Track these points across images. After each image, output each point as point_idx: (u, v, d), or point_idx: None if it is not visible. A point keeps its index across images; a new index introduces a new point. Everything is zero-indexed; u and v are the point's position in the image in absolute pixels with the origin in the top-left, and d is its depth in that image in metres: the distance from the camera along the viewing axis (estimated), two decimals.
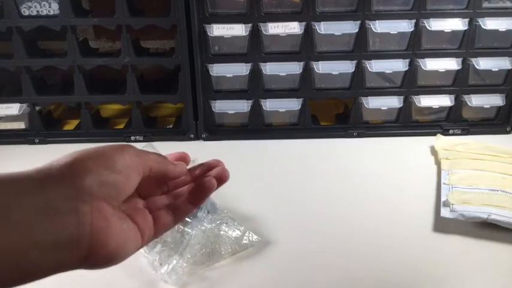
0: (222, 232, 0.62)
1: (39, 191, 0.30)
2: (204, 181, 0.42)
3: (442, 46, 0.92)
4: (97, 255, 0.32)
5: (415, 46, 0.91)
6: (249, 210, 0.71)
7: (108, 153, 0.35)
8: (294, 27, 0.88)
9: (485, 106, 0.96)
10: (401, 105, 0.95)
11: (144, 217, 0.38)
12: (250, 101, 0.95)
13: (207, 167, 0.45)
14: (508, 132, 0.97)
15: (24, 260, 0.29)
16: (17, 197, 0.29)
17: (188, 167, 0.44)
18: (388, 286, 0.58)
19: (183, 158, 0.44)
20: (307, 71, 0.92)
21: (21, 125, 0.96)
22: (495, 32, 0.89)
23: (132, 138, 0.96)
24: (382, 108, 0.95)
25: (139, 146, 0.76)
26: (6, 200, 0.29)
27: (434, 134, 0.92)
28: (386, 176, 0.81)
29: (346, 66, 0.92)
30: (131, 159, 0.36)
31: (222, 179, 0.44)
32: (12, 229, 0.28)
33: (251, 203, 0.73)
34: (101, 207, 0.32)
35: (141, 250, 0.60)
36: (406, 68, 0.92)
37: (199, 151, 0.93)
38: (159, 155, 0.40)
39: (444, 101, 0.95)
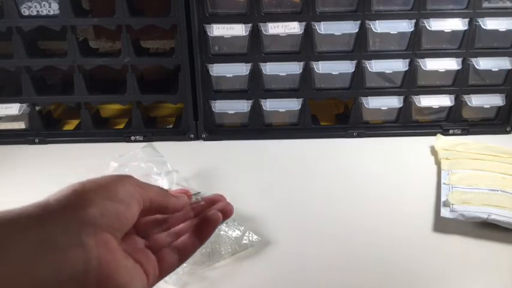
0: (222, 232, 0.62)
1: (38, 226, 0.29)
2: (209, 215, 0.41)
3: (442, 46, 0.92)
4: (105, 286, 0.30)
5: (415, 46, 0.91)
6: (249, 210, 0.71)
7: (108, 184, 0.33)
8: (294, 27, 0.88)
9: (485, 106, 0.96)
10: (401, 105, 0.95)
11: (147, 256, 0.37)
12: (250, 101, 0.95)
13: (209, 202, 0.43)
14: (508, 132, 0.97)
15: None
16: (14, 233, 0.28)
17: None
18: (388, 286, 0.58)
19: (185, 192, 0.43)
20: (307, 71, 0.92)
21: (21, 125, 0.96)
22: (495, 32, 0.89)
23: (132, 138, 0.96)
24: (382, 108, 0.95)
25: (139, 146, 0.77)
26: (3, 235, 0.27)
27: (434, 134, 0.92)
28: (386, 176, 0.81)
29: (346, 66, 0.91)
30: (132, 189, 0.35)
31: (226, 213, 0.42)
32: (11, 265, 0.27)
33: (251, 203, 0.73)
34: (106, 240, 0.31)
35: None
36: (406, 68, 0.92)
37: (199, 151, 0.93)
38: (160, 187, 0.39)
39: (444, 101, 0.95)
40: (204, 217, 0.41)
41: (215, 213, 0.41)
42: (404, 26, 0.88)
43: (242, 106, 0.95)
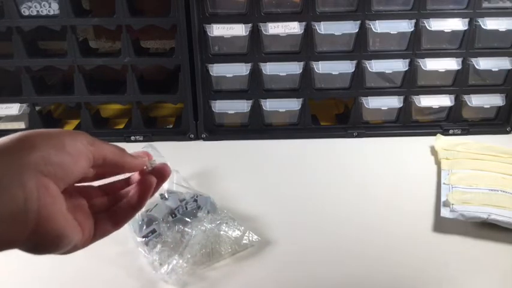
0: (222, 232, 0.62)
1: None
2: (145, 179, 0.40)
3: (442, 46, 0.92)
4: (44, 231, 0.31)
5: (415, 46, 0.91)
6: (249, 210, 0.71)
7: (57, 135, 0.34)
8: (294, 27, 0.88)
9: (485, 106, 0.96)
10: (401, 105, 0.95)
11: (85, 216, 0.37)
12: (250, 101, 0.95)
13: (156, 170, 0.42)
14: (508, 132, 0.97)
15: None
16: None
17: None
18: (388, 286, 0.58)
19: (145, 154, 0.42)
20: (307, 71, 0.92)
21: (21, 125, 0.96)
22: (495, 32, 0.89)
23: (132, 138, 0.96)
24: (382, 108, 0.95)
25: (139, 146, 0.77)
26: None
27: (434, 134, 0.92)
28: (386, 176, 0.81)
29: (346, 66, 0.91)
30: (82, 145, 0.35)
31: (163, 175, 0.42)
32: None
33: (251, 203, 0.73)
34: (47, 185, 0.31)
35: (141, 250, 0.60)
36: (406, 68, 0.92)
37: (199, 151, 0.93)
38: (116, 146, 0.39)
39: (444, 101, 0.95)
40: (141, 183, 0.40)
41: (149, 179, 0.40)
42: (404, 26, 0.88)
43: (242, 106, 0.95)
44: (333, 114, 1.04)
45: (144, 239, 0.61)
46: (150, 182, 0.40)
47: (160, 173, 0.41)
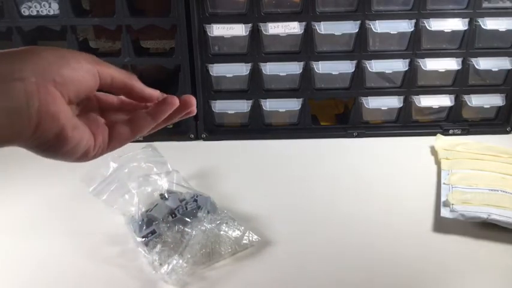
0: (222, 232, 0.62)
1: None
2: (166, 97, 0.42)
3: (442, 46, 0.92)
4: (47, 127, 0.33)
5: (415, 46, 0.91)
6: (249, 210, 0.71)
7: (64, 51, 0.36)
8: (294, 27, 0.88)
9: (485, 106, 0.96)
10: (401, 105, 0.95)
11: (97, 123, 0.39)
12: (250, 101, 0.95)
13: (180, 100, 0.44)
14: (508, 132, 0.97)
15: None
16: None
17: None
18: (388, 286, 0.58)
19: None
20: (307, 71, 0.92)
21: None
22: (495, 32, 0.89)
23: None
24: (382, 108, 0.95)
25: (139, 146, 0.77)
26: None
27: (434, 134, 0.92)
28: (386, 176, 0.81)
29: (346, 66, 0.92)
30: (86, 61, 0.37)
31: (186, 104, 0.43)
32: None
33: (251, 203, 0.73)
34: (47, 86, 0.33)
35: (141, 250, 0.60)
36: (406, 68, 0.92)
37: (199, 151, 0.93)
38: (124, 71, 0.41)
39: (444, 101, 0.95)
40: (162, 99, 0.42)
41: (172, 97, 0.42)
42: (404, 26, 0.88)
43: (242, 106, 0.95)
44: (333, 114, 1.04)
45: (144, 239, 0.61)
46: (174, 100, 0.42)
47: (185, 102, 0.43)
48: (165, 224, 0.62)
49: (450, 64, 0.92)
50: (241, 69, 0.91)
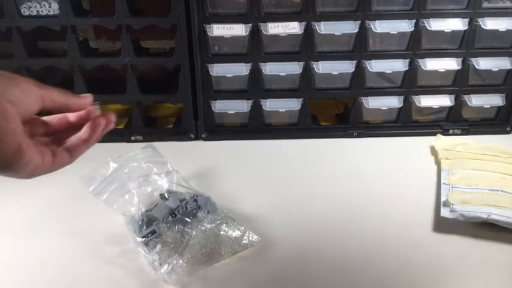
0: (222, 232, 0.62)
1: None
2: (96, 117, 0.48)
3: (442, 46, 0.92)
4: (7, 140, 0.37)
5: (415, 46, 0.91)
6: (249, 210, 0.71)
7: (15, 76, 0.40)
8: (294, 27, 0.88)
9: (485, 106, 0.96)
10: (401, 105, 0.95)
11: (43, 144, 0.44)
12: (250, 101, 0.95)
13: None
14: (508, 132, 0.97)
15: None
16: None
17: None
18: (388, 286, 0.58)
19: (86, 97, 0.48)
20: (307, 71, 0.92)
21: None
22: (495, 32, 0.89)
23: (132, 138, 0.96)
24: (382, 108, 0.95)
25: (139, 146, 0.77)
26: None
27: (434, 134, 0.92)
28: (386, 176, 0.81)
29: (346, 66, 0.91)
30: (34, 85, 0.41)
31: (110, 121, 0.50)
32: None
33: (251, 203, 0.73)
34: (5, 106, 0.37)
35: (141, 250, 0.60)
36: (406, 68, 0.92)
37: (199, 151, 0.93)
38: (59, 90, 0.44)
39: (444, 101, 0.95)
40: (93, 119, 0.48)
41: (99, 118, 0.48)
42: (404, 26, 0.88)
43: (242, 106, 0.95)
44: (333, 114, 1.04)
45: (144, 239, 0.61)
46: (99, 121, 0.48)
47: (107, 118, 0.49)
48: (165, 224, 0.62)
49: (450, 64, 0.92)
50: (241, 69, 0.91)
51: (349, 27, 0.88)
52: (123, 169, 0.70)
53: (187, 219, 0.63)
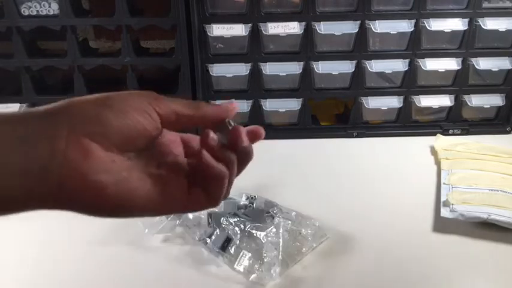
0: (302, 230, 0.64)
1: (13, 123, 0.29)
2: (243, 146, 0.39)
3: (442, 46, 0.92)
4: (73, 184, 0.30)
5: (415, 46, 0.91)
6: None
7: (109, 97, 0.32)
8: (294, 27, 0.88)
9: (485, 106, 0.96)
10: (401, 105, 0.95)
11: (170, 178, 0.34)
12: (250, 101, 0.94)
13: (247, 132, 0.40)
14: (508, 132, 0.97)
15: None
16: None
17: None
18: (388, 286, 0.58)
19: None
20: (307, 71, 0.92)
21: None
22: (495, 32, 0.89)
23: None
24: (382, 108, 0.95)
25: None
26: None
27: (434, 134, 0.92)
28: (386, 176, 0.81)
29: (346, 66, 0.91)
30: (140, 101, 0.32)
31: (256, 136, 0.40)
32: None
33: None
34: (79, 140, 0.30)
35: (214, 257, 0.61)
36: (406, 68, 0.92)
37: None
38: (189, 101, 0.36)
39: (444, 101, 0.95)
40: (240, 149, 0.38)
41: (248, 147, 0.39)
42: (404, 26, 0.88)
43: (242, 106, 0.95)
44: (333, 114, 1.04)
45: (219, 249, 0.61)
46: (250, 150, 0.39)
47: (253, 134, 0.39)
48: (237, 228, 0.62)
49: (450, 64, 0.92)
50: (241, 69, 0.91)
51: (349, 27, 0.88)
52: None
53: (256, 224, 0.63)
